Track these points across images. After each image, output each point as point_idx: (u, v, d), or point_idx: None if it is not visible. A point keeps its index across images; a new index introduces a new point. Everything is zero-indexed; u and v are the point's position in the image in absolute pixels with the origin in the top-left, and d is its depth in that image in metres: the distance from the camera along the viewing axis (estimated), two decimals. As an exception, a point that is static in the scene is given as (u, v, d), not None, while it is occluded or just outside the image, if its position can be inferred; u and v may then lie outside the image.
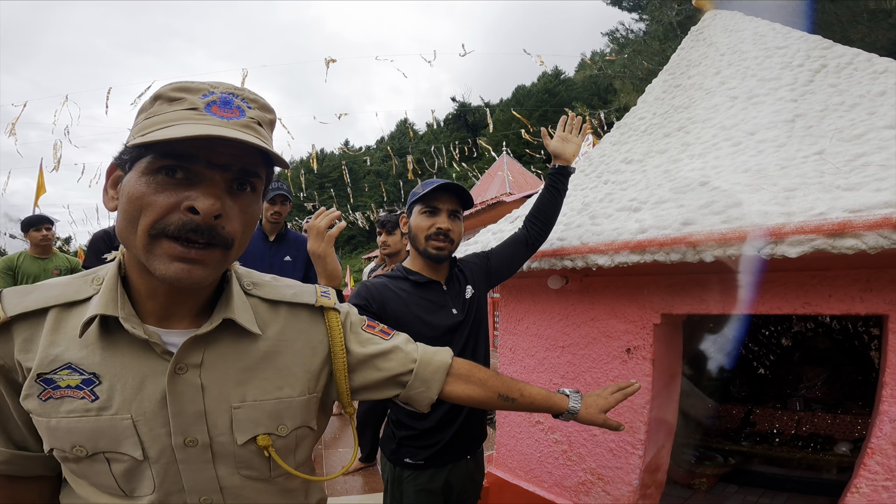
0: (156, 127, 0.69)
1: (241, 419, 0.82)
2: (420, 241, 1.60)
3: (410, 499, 1.59)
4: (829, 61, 2.67)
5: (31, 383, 0.75)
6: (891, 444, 1.60)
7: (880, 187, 1.44)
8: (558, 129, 2.02)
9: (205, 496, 0.82)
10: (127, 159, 0.73)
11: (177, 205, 0.70)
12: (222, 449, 0.82)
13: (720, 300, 1.91)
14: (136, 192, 0.70)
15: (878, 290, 1.61)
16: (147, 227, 0.70)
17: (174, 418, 0.77)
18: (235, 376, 0.83)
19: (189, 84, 0.74)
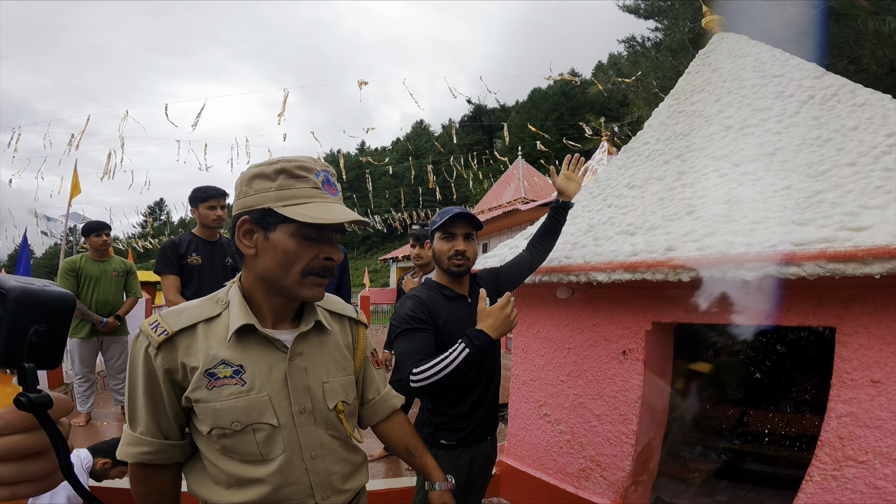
0: (296, 201, 1.05)
1: (329, 391, 1.17)
2: (444, 262, 1.95)
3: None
4: (816, 91, 2.88)
5: (200, 377, 1.03)
6: (837, 437, 1.92)
7: (825, 224, 1.77)
8: (563, 167, 2.38)
9: (314, 452, 1.13)
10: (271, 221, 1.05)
11: (317, 256, 1.08)
12: (320, 414, 1.15)
13: (699, 312, 2.25)
14: (290, 248, 1.05)
15: (827, 307, 1.94)
16: (300, 270, 1.06)
17: (293, 392, 1.10)
18: (322, 360, 1.17)
19: (305, 163, 1.09)
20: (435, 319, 1.86)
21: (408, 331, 1.81)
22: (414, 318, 1.82)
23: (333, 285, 3.83)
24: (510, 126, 32.75)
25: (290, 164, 1.07)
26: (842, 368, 1.91)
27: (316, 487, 1.13)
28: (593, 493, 2.81)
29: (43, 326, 0.55)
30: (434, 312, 1.87)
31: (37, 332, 0.55)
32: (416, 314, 1.83)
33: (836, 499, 1.88)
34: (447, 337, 1.83)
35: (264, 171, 1.07)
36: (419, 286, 2.05)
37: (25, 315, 0.53)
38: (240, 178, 1.10)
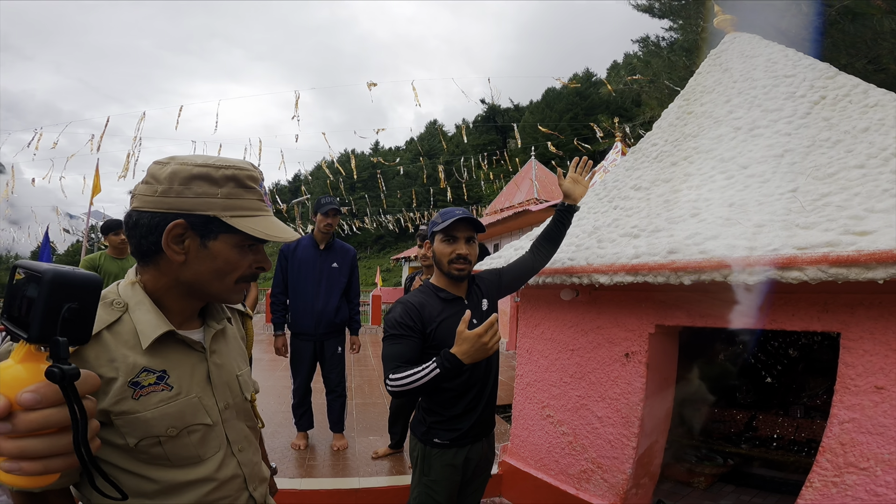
0: (244, 213, 1.02)
1: (243, 382, 1.18)
2: (444, 265, 1.94)
3: (437, 472, 1.95)
4: (828, 92, 2.83)
5: (123, 389, 0.94)
6: (839, 443, 1.90)
7: (829, 227, 1.74)
8: (570, 169, 2.37)
9: (240, 445, 1.13)
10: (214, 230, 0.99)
11: (251, 265, 1.07)
12: (240, 407, 1.15)
13: (703, 315, 2.23)
14: (232, 258, 1.02)
15: (833, 312, 1.91)
16: (235, 278, 1.05)
17: (216, 390, 1.08)
18: (231, 354, 1.16)
19: (253, 173, 1.05)
20: (425, 324, 1.87)
21: (394, 336, 1.85)
22: (401, 325, 1.85)
23: (342, 285, 3.86)
24: (524, 126, 32.65)
25: (241, 173, 1.02)
26: (846, 374, 1.89)
27: (248, 479, 1.14)
28: (594, 494, 2.80)
29: (75, 304, 0.61)
30: (425, 317, 1.88)
31: (69, 310, 0.60)
32: (404, 320, 1.85)
33: (836, 505, 1.86)
34: (439, 339, 1.85)
35: (211, 175, 0.99)
36: (416, 289, 2.06)
37: (59, 294, 0.59)
38: (167, 173, 0.98)
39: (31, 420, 0.58)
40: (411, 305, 1.89)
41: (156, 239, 0.97)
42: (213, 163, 1.00)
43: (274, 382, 6.25)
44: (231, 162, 1.03)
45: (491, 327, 1.58)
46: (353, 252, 4.04)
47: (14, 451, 0.58)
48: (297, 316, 3.82)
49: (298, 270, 3.79)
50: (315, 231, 3.84)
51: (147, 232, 0.97)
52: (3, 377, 0.59)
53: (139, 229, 0.98)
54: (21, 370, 0.60)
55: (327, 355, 3.89)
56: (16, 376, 0.59)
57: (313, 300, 3.77)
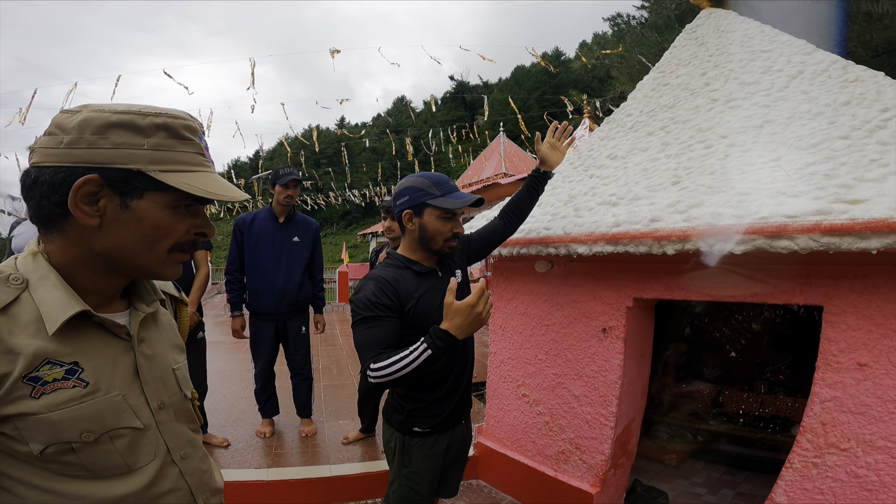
0: (179, 167, 0.85)
1: (181, 378, 1.00)
2: (437, 242, 1.76)
3: (419, 463, 1.82)
4: (806, 67, 2.81)
5: (17, 385, 0.76)
6: (820, 423, 1.85)
7: (818, 196, 1.67)
8: (548, 134, 2.21)
9: (183, 451, 0.96)
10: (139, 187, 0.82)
11: (188, 230, 0.90)
12: (178, 407, 0.97)
13: (683, 287, 2.16)
14: (163, 221, 0.85)
15: (816, 284, 1.85)
16: (168, 246, 0.87)
17: (146, 386, 0.90)
18: (164, 344, 0.99)
19: (191, 122, 0.89)
20: (403, 302, 1.68)
21: (368, 318, 1.62)
22: (376, 304, 1.63)
23: (304, 260, 3.67)
24: (492, 103, 32.49)
25: (175, 122, 0.85)
26: (828, 350, 1.84)
27: (196, 491, 0.98)
28: (573, 476, 2.75)
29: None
30: (402, 293, 1.69)
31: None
32: (379, 299, 1.64)
33: (816, 486, 1.82)
34: (419, 317, 1.68)
35: (135, 123, 0.81)
36: (383, 262, 1.87)
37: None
38: (77, 121, 0.80)
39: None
40: (385, 281, 1.68)
41: (60, 199, 0.79)
42: (139, 109, 0.83)
43: (236, 367, 6.02)
44: (163, 109, 0.86)
45: (483, 294, 1.43)
46: (316, 225, 3.84)
47: None
48: (255, 294, 3.61)
49: (256, 245, 3.57)
50: (274, 203, 3.62)
51: (49, 191, 0.79)
52: None
53: (38, 188, 0.79)
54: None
55: (290, 336, 3.70)
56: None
57: (273, 277, 3.56)
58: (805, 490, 1.85)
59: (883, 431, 1.70)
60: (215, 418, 4.10)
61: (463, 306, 1.42)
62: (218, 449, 3.49)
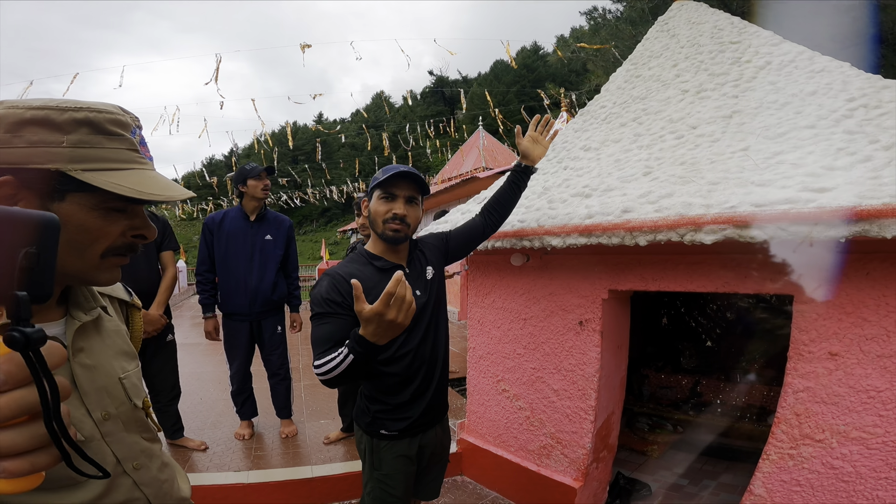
0: (106, 165, 0.78)
1: (130, 387, 0.94)
2: (378, 225, 1.70)
3: (389, 465, 1.76)
4: (774, 58, 2.85)
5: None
6: (794, 414, 1.86)
7: (786, 184, 1.67)
8: (530, 128, 2.15)
9: (136, 461, 0.92)
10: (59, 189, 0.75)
11: (124, 232, 0.83)
12: (127, 417, 0.92)
13: (657, 278, 2.16)
14: (91, 225, 0.79)
15: (786, 273, 1.86)
16: (100, 251, 0.81)
17: (86, 397, 0.85)
18: (108, 352, 0.93)
19: (119, 116, 0.82)
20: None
21: (319, 315, 1.59)
22: (327, 301, 1.58)
23: (278, 258, 3.60)
24: (472, 97, 32.39)
25: (100, 116, 0.78)
26: (799, 340, 1.84)
27: (154, 501, 0.94)
28: (555, 471, 2.74)
29: (33, 248, 0.48)
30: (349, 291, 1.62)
31: (27, 255, 0.47)
32: (330, 296, 1.59)
33: (793, 478, 1.83)
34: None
35: (51, 119, 0.74)
36: (347, 257, 1.80)
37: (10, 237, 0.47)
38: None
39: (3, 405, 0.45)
40: (340, 278, 1.63)
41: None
42: (58, 104, 0.76)
43: (213, 368, 5.92)
44: (86, 103, 0.79)
45: (390, 298, 1.22)
46: (289, 223, 3.76)
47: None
48: (227, 295, 3.52)
49: (227, 245, 3.49)
50: (245, 201, 3.53)
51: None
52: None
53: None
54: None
55: (266, 336, 3.63)
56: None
57: (246, 276, 3.48)
58: (783, 482, 1.86)
59: (857, 422, 1.71)
60: (193, 421, 4.02)
61: (371, 314, 1.26)
62: (196, 452, 3.42)
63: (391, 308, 1.23)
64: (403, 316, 1.25)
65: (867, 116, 2.02)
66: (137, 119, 0.88)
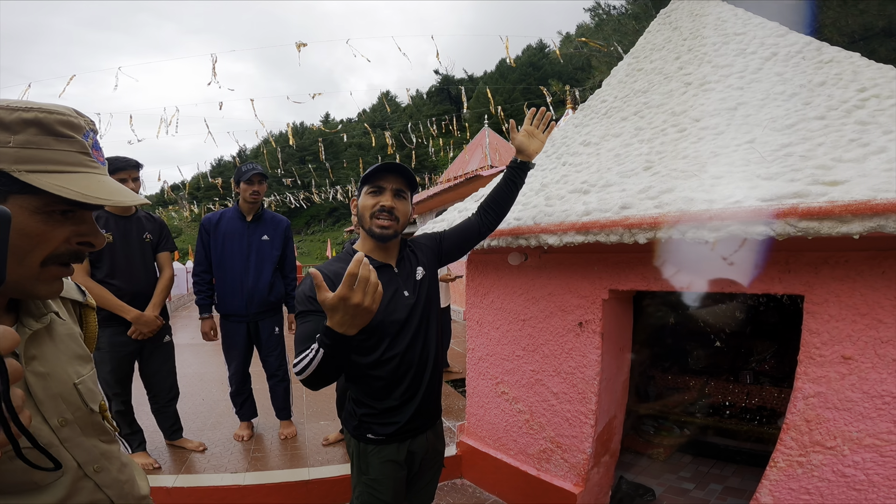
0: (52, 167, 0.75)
1: (86, 391, 0.92)
2: (366, 220, 1.65)
3: (376, 469, 1.69)
4: (780, 49, 2.75)
5: None
6: (804, 420, 1.77)
7: (794, 178, 1.58)
8: (526, 121, 2.05)
9: (96, 464, 0.91)
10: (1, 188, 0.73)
11: (68, 239, 0.79)
12: (84, 421, 0.91)
13: (659, 277, 2.06)
14: (32, 229, 0.75)
15: (795, 272, 1.76)
16: (41, 258, 0.77)
17: (41, 405, 0.83)
18: (62, 358, 0.91)
19: (69, 117, 0.79)
20: None
21: (302, 313, 1.54)
22: (310, 299, 1.53)
23: (275, 259, 3.54)
24: (478, 96, 32.31)
25: (50, 117, 0.76)
26: (810, 342, 1.75)
27: (117, 501, 0.94)
28: (555, 475, 2.66)
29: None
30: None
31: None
32: (313, 293, 1.52)
33: (802, 486, 1.74)
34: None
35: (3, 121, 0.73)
36: (334, 257, 1.74)
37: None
38: None
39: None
40: (323, 275, 1.57)
41: None
42: (8, 104, 0.74)
43: (216, 369, 5.87)
44: (38, 104, 0.76)
45: (354, 280, 1.14)
46: (287, 223, 3.71)
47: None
48: (224, 296, 3.48)
49: (223, 245, 3.44)
50: (240, 202, 3.48)
51: None
52: None
53: None
54: None
55: (263, 337, 3.58)
56: None
57: (242, 277, 3.44)
58: (791, 490, 1.77)
59: (870, 429, 1.61)
60: (193, 422, 4.00)
61: (333, 301, 1.18)
62: (194, 453, 3.38)
63: (355, 291, 1.16)
64: (370, 299, 1.18)
65: (880, 107, 1.92)
66: (92, 123, 0.85)
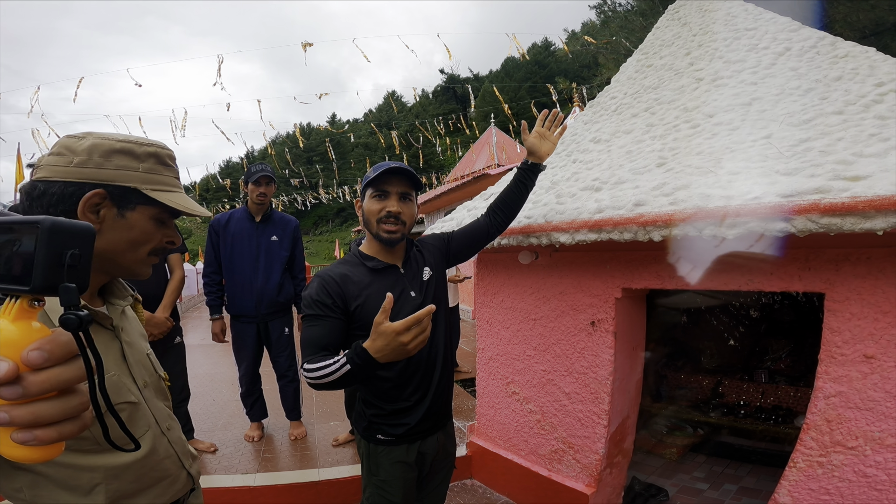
0: (164, 188, 1.05)
1: (154, 361, 1.17)
2: (372, 225, 1.62)
3: (387, 471, 1.68)
4: (793, 44, 2.71)
5: None
6: (824, 420, 1.73)
7: (815, 173, 1.54)
8: (537, 123, 2.00)
9: (167, 424, 1.13)
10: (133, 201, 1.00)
11: (162, 239, 1.07)
12: (156, 386, 1.14)
13: (674, 276, 2.03)
14: (148, 229, 1.03)
15: (815, 269, 1.72)
16: (148, 250, 1.05)
17: (132, 368, 1.07)
18: (135, 334, 1.14)
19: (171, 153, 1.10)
20: (347, 301, 1.55)
21: (308, 316, 1.54)
22: (317, 303, 1.53)
23: (283, 259, 3.53)
24: (483, 95, 32.29)
25: (162, 151, 1.08)
26: (831, 341, 1.70)
27: (182, 457, 1.15)
28: (567, 476, 2.63)
29: (76, 250, 0.57)
30: (347, 293, 1.56)
31: (72, 256, 0.56)
32: (321, 297, 1.53)
33: (822, 486, 1.70)
34: (366, 319, 1.53)
35: (133, 150, 1.03)
36: (341, 258, 1.72)
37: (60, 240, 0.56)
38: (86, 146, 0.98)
39: (43, 380, 0.51)
40: (330, 279, 1.57)
41: (67, 208, 0.94)
42: (136, 140, 1.05)
43: (227, 369, 5.88)
44: (152, 141, 1.08)
45: (417, 323, 1.21)
46: (295, 223, 3.70)
47: (28, 417, 0.51)
48: (234, 296, 3.48)
49: (232, 246, 3.44)
50: (249, 203, 3.48)
51: (57, 201, 0.95)
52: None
53: (46, 198, 0.95)
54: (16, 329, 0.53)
55: (273, 338, 3.57)
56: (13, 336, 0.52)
57: (251, 277, 3.43)
58: (810, 490, 1.73)
59: (893, 428, 1.57)
60: (204, 423, 4.01)
61: (388, 331, 1.23)
62: (206, 454, 3.39)
63: (409, 332, 1.23)
64: (415, 345, 1.25)
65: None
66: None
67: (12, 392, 0.50)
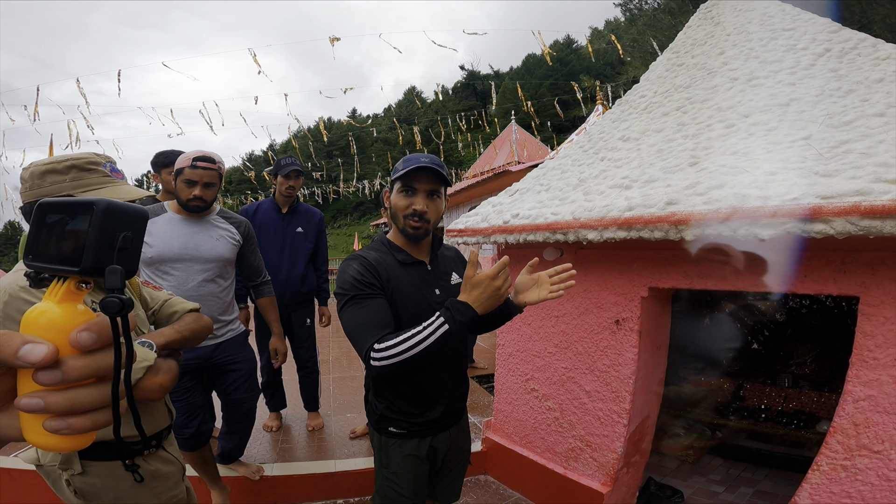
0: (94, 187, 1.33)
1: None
2: (399, 220, 1.62)
3: (398, 464, 1.68)
4: (833, 45, 2.65)
5: None
6: (852, 423, 1.70)
7: (856, 175, 1.51)
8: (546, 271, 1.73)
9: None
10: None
11: None
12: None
13: (702, 276, 2.00)
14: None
15: (850, 272, 1.69)
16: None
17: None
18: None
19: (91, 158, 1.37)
20: (383, 285, 1.54)
21: (357, 298, 1.48)
22: (363, 283, 1.49)
23: (308, 251, 3.57)
24: (503, 92, 32.16)
25: (80, 161, 1.32)
26: (863, 345, 1.67)
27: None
28: (582, 474, 2.62)
29: (129, 233, 0.57)
30: (382, 277, 1.55)
31: (124, 238, 0.57)
32: (365, 278, 1.51)
33: (843, 490, 1.67)
34: (394, 308, 1.53)
35: (55, 168, 1.32)
36: (368, 245, 1.73)
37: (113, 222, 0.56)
38: (28, 174, 1.33)
39: (84, 365, 0.49)
40: (367, 261, 1.55)
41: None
42: (56, 159, 1.32)
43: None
44: (72, 155, 1.34)
45: (504, 268, 1.36)
46: (320, 216, 3.74)
47: (64, 404, 0.49)
48: None
49: (258, 236, 3.48)
50: (276, 194, 3.52)
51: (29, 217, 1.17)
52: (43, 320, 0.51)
53: (26, 216, 1.32)
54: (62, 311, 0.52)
55: (295, 328, 3.62)
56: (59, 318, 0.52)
57: (276, 268, 3.47)
58: (832, 493, 1.71)
59: (922, 433, 1.55)
60: (223, 412, 4.05)
61: (482, 277, 1.36)
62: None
63: (500, 277, 1.36)
64: (506, 287, 1.38)
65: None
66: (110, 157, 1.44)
67: (50, 377, 0.48)
